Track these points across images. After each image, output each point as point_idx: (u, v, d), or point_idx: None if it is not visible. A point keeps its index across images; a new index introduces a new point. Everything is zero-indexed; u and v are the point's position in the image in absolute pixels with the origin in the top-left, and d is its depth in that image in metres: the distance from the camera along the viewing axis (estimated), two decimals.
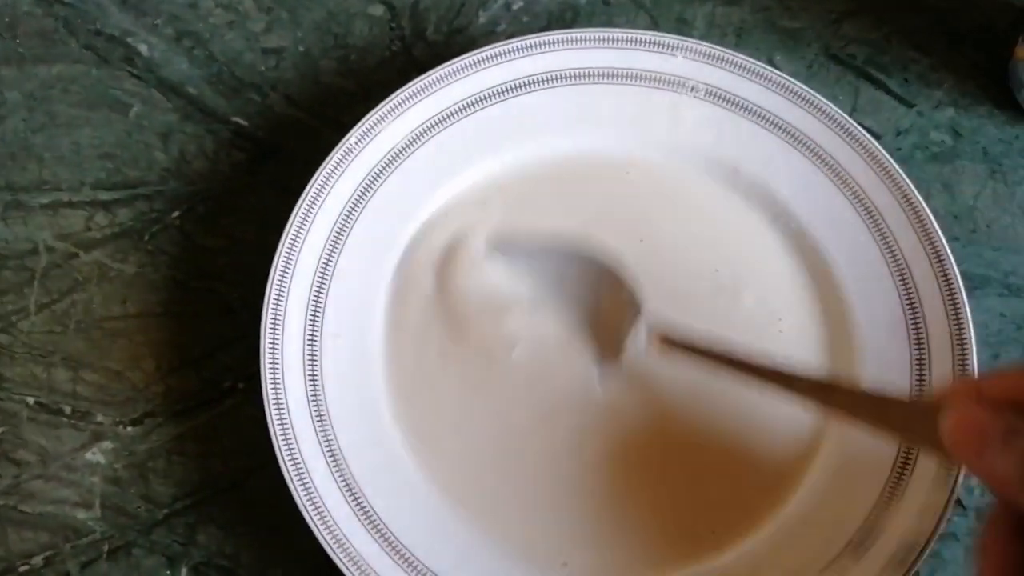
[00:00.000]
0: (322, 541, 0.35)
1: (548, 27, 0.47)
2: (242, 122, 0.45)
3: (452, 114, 0.42)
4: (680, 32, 0.46)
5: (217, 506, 0.39)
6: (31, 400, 0.40)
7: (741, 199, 0.42)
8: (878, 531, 0.36)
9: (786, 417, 0.38)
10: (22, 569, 0.38)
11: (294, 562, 0.38)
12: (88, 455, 0.40)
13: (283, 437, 0.36)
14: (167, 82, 0.46)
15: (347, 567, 0.35)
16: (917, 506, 0.36)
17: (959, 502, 0.39)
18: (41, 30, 0.47)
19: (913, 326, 0.39)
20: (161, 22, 0.47)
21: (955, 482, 0.36)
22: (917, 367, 0.38)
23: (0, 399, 0.40)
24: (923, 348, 0.38)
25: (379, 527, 0.36)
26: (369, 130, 0.41)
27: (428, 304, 0.40)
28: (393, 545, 0.36)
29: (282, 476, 0.36)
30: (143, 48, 0.46)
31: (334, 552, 0.35)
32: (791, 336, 0.40)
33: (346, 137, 0.40)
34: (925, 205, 0.40)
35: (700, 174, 0.42)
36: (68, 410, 0.40)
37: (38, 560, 0.38)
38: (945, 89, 0.46)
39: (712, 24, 0.47)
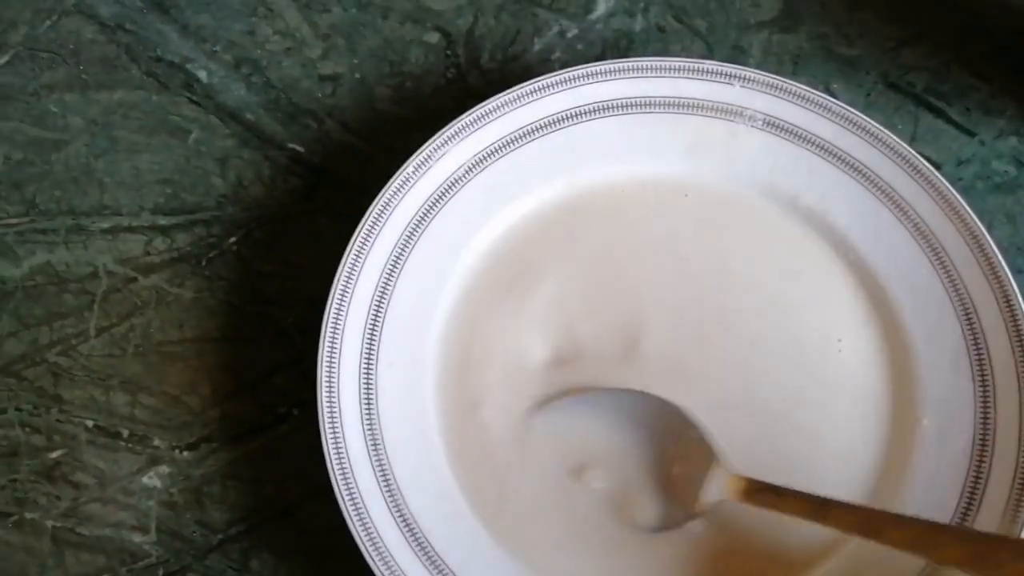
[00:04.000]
0: (376, 570, 0.35)
1: (603, 55, 0.47)
2: (298, 148, 0.46)
3: (509, 142, 0.42)
4: (736, 60, 0.46)
5: (271, 532, 0.39)
6: (90, 423, 0.41)
7: (800, 227, 0.41)
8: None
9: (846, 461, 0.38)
10: None
11: None
12: (145, 479, 0.40)
13: (339, 465, 0.36)
14: (225, 108, 0.46)
15: None
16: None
17: None
18: (104, 57, 0.48)
19: (977, 361, 0.38)
20: (220, 49, 0.48)
21: None
22: (981, 403, 0.37)
23: (60, 421, 0.41)
24: (987, 384, 0.38)
25: (432, 558, 0.36)
26: (427, 158, 0.41)
27: (487, 336, 0.40)
28: (445, 574, 0.35)
29: (336, 503, 0.36)
30: (202, 75, 0.47)
31: None
32: (850, 359, 0.39)
33: (404, 165, 0.41)
34: (989, 238, 0.39)
35: (758, 202, 0.42)
36: (126, 433, 0.41)
37: None
38: (1007, 117, 0.45)
39: (768, 52, 0.47)
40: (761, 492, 0.35)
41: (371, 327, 0.39)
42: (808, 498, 0.34)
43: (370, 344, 0.39)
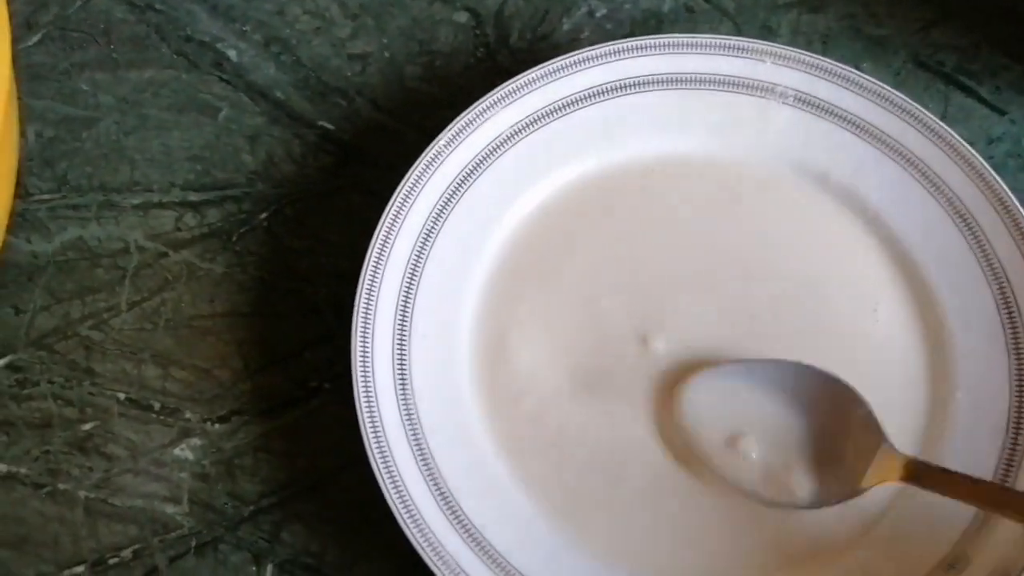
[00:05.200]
0: (412, 539, 0.35)
1: (631, 34, 0.47)
2: (328, 126, 0.46)
3: (539, 118, 0.42)
4: (765, 39, 0.46)
5: (302, 504, 0.39)
6: (122, 396, 0.41)
7: (831, 203, 0.41)
8: (972, 554, 0.35)
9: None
10: (112, 561, 0.39)
11: (378, 560, 0.38)
12: (177, 451, 0.40)
13: (374, 437, 0.36)
14: (255, 86, 0.47)
15: (436, 564, 0.35)
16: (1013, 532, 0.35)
17: None
18: (134, 36, 0.48)
19: (1012, 334, 0.38)
20: (249, 28, 0.48)
21: None
22: (1016, 376, 0.37)
23: (92, 394, 0.41)
24: (1023, 357, 0.37)
25: (467, 526, 0.36)
26: (458, 134, 0.41)
27: (519, 309, 0.40)
28: (481, 544, 0.35)
29: (366, 475, 0.36)
30: (232, 53, 0.47)
31: (423, 550, 0.35)
32: (885, 333, 0.39)
33: (436, 140, 0.41)
34: (1022, 209, 0.39)
35: (789, 178, 0.42)
36: (157, 406, 0.41)
37: (127, 553, 0.39)
38: None
39: (797, 31, 0.47)
40: (931, 474, 0.34)
41: (404, 300, 0.39)
42: (981, 484, 0.34)
43: (403, 317, 0.39)
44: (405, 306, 0.39)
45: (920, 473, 0.34)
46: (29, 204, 0.44)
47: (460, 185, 0.41)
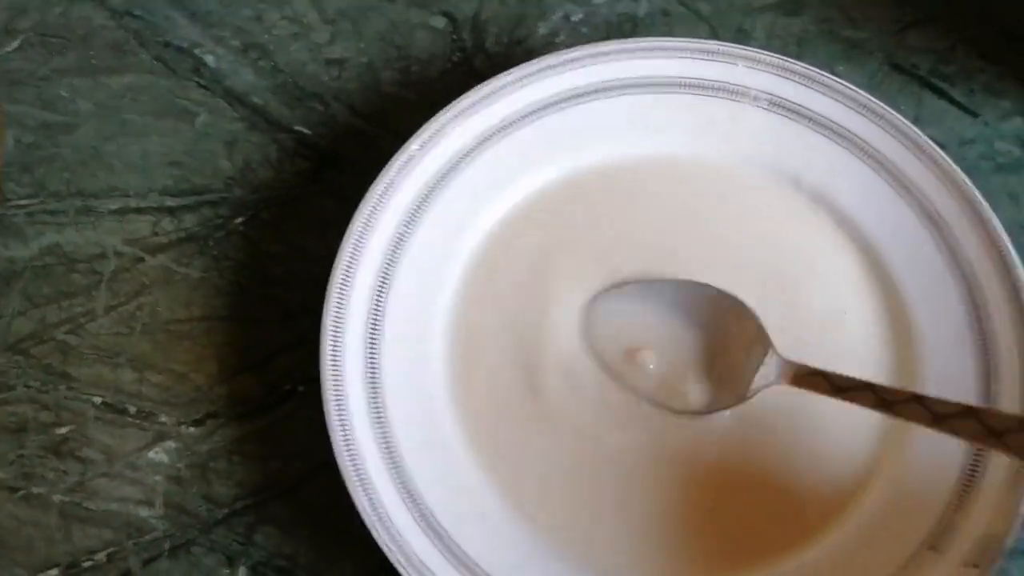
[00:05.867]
0: (380, 542, 0.35)
1: (607, 38, 0.47)
2: (305, 131, 0.46)
3: (513, 122, 0.42)
4: (740, 43, 0.46)
5: (276, 507, 0.40)
6: (97, 400, 0.41)
7: (804, 205, 0.41)
8: (951, 533, 0.36)
9: (850, 426, 0.38)
10: (86, 564, 0.39)
11: (351, 563, 0.39)
12: (151, 454, 0.40)
13: (344, 440, 0.36)
14: (233, 92, 0.47)
15: (405, 568, 0.35)
16: (989, 511, 0.35)
17: None
18: (113, 42, 0.48)
19: (979, 338, 0.38)
20: (227, 34, 0.48)
21: None
22: (984, 379, 0.37)
23: (68, 398, 0.41)
24: (989, 360, 0.38)
25: (437, 529, 0.36)
26: (430, 138, 0.41)
27: (490, 312, 0.40)
28: (450, 547, 0.36)
29: (340, 479, 0.36)
30: (210, 59, 0.48)
31: (392, 553, 0.35)
32: (857, 327, 0.40)
33: (407, 144, 0.41)
34: (992, 212, 0.39)
35: (761, 181, 0.42)
36: (133, 410, 0.41)
37: (101, 556, 0.39)
38: (1012, 99, 0.45)
39: (772, 35, 0.47)
40: (811, 376, 0.36)
41: (375, 305, 0.39)
42: (854, 382, 0.35)
43: (374, 321, 0.39)
44: (376, 310, 0.39)
45: (800, 375, 0.37)
46: (7, 209, 0.45)
47: (433, 189, 0.41)
